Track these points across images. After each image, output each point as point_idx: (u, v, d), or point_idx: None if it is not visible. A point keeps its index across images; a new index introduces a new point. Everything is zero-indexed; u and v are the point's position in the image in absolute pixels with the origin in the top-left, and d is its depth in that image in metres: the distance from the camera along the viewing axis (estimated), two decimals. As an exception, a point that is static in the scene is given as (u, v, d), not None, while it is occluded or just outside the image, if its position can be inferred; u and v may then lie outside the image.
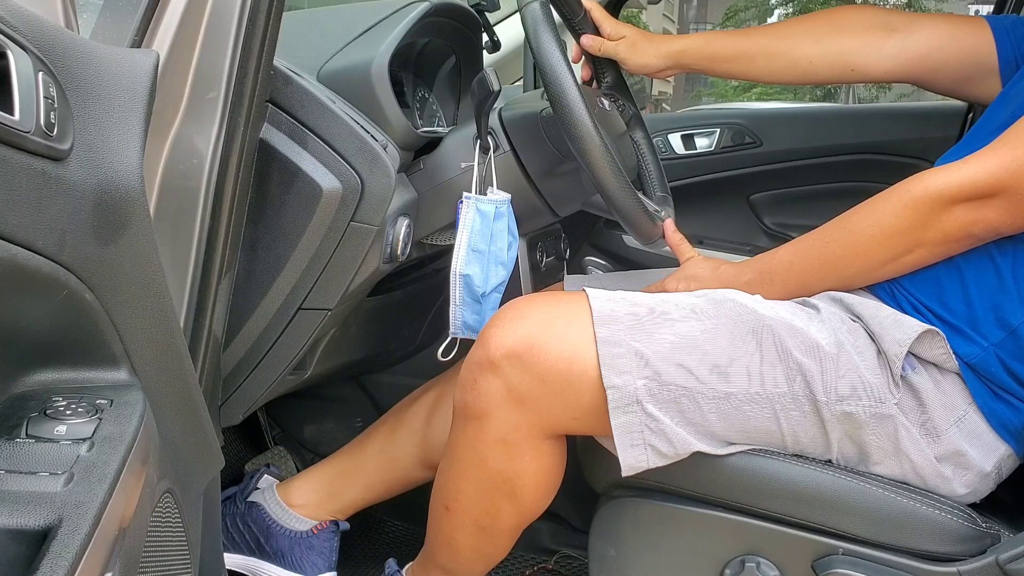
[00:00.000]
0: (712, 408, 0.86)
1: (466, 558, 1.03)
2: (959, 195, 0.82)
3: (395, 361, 1.43)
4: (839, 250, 0.90)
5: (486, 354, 0.89)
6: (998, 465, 0.89)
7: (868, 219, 0.88)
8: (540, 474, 0.94)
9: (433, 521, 1.03)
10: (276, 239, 0.92)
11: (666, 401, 0.86)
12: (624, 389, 0.85)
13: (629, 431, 0.86)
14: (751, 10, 21.85)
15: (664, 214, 1.07)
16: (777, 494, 0.88)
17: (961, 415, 0.87)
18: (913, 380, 0.86)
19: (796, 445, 0.89)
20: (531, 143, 1.05)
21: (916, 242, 0.86)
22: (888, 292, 0.94)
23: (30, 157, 0.47)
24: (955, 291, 0.89)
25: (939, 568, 0.85)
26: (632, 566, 0.96)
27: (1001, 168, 0.81)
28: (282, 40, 0.80)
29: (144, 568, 0.57)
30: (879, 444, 0.86)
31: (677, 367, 0.85)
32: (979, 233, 0.84)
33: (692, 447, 0.87)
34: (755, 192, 1.75)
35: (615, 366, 0.85)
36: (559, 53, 0.93)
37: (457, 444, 0.95)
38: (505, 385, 0.88)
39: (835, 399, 0.85)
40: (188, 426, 0.71)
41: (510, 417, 0.89)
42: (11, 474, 0.49)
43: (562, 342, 0.87)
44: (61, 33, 0.54)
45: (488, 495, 0.95)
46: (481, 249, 0.98)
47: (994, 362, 0.87)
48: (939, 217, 0.84)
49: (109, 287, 0.56)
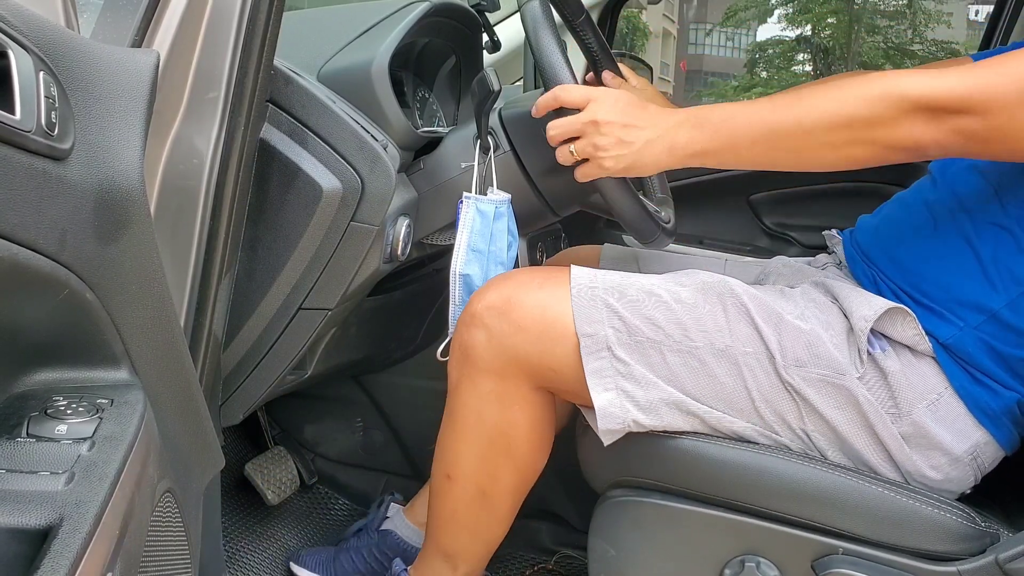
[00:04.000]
0: (679, 362, 0.90)
1: (469, 535, 1.04)
2: (927, 103, 0.79)
3: (395, 361, 1.43)
4: (784, 119, 0.85)
5: (471, 311, 0.95)
6: (973, 451, 0.89)
7: (825, 98, 0.84)
8: (532, 424, 0.98)
9: (436, 496, 1.04)
10: (276, 239, 0.92)
11: (634, 349, 0.90)
12: (595, 336, 0.90)
13: (601, 375, 0.90)
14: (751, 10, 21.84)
15: (664, 214, 1.07)
16: (777, 493, 0.89)
17: (935, 398, 0.88)
18: (880, 360, 0.88)
19: (769, 411, 0.90)
20: (531, 143, 1.05)
21: (863, 137, 0.82)
22: (870, 279, 0.97)
23: (31, 157, 0.47)
24: (934, 277, 0.91)
25: (939, 567, 0.85)
26: (632, 566, 0.96)
27: (977, 87, 0.78)
28: (282, 40, 0.80)
29: (144, 568, 0.57)
30: (844, 416, 0.88)
31: (645, 320, 0.90)
32: (927, 148, 0.81)
33: (663, 392, 0.90)
34: (755, 192, 1.75)
35: (587, 317, 0.91)
36: (559, 53, 0.93)
37: (453, 408, 0.99)
38: (487, 334, 0.93)
39: (791, 363, 0.88)
40: (188, 426, 0.71)
41: (495, 365, 0.94)
42: (12, 473, 0.49)
43: (537, 295, 0.93)
44: (62, 33, 0.54)
45: (487, 454, 0.98)
46: (481, 249, 0.98)
47: (973, 343, 0.88)
48: (898, 119, 0.80)
49: (110, 287, 0.56)
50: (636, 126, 0.90)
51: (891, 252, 0.97)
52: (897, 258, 0.96)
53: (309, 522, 1.44)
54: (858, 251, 1.02)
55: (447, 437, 1.01)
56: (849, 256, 1.04)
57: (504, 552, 1.40)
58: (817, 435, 0.91)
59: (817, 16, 17.35)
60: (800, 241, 1.72)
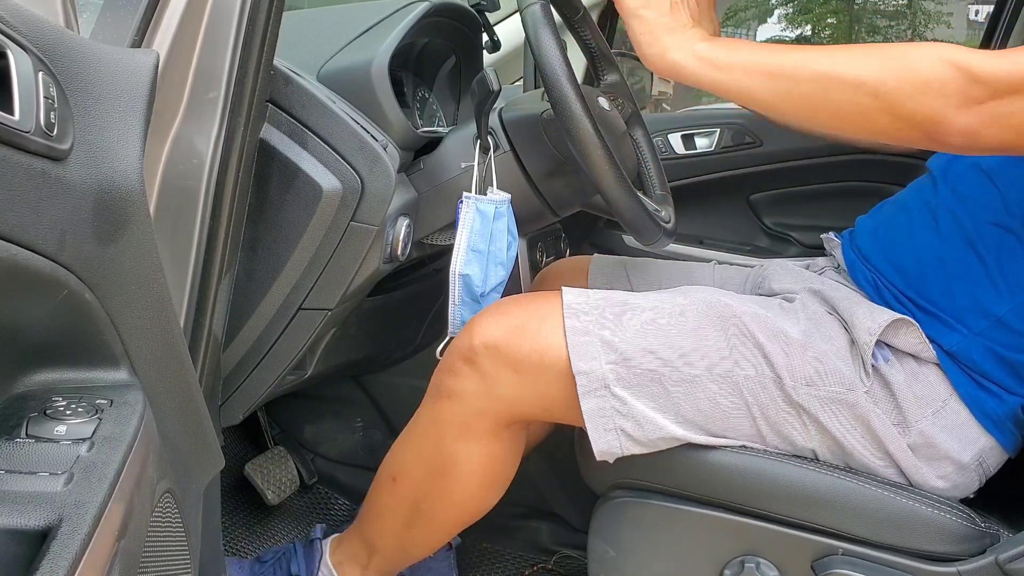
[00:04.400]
0: (681, 392, 0.88)
1: (393, 537, 1.04)
2: (986, 78, 0.70)
3: (395, 361, 1.43)
4: (818, 63, 0.77)
5: (468, 342, 0.93)
6: (979, 457, 0.88)
7: (867, 54, 0.75)
8: (489, 463, 0.97)
9: (375, 490, 1.04)
10: (276, 239, 0.92)
11: (633, 384, 0.88)
12: (591, 374, 0.88)
13: (600, 415, 0.89)
14: (751, 10, 21.83)
15: (664, 214, 1.07)
16: (776, 494, 0.88)
17: (940, 406, 0.87)
18: (884, 371, 0.87)
19: (773, 434, 0.89)
20: (532, 144, 1.05)
21: (929, 109, 0.72)
22: (872, 284, 0.96)
23: (30, 157, 0.47)
24: (938, 284, 0.90)
25: (939, 568, 0.85)
26: (631, 566, 0.96)
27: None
28: (282, 40, 0.80)
29: (144, 568, 0.57)
30: (853, 432, 0.87)
31: (643, 351, 0.88)
32: (951, 134, 0.73)
33: (664, 431, 0.88)
34: (755, 192, 1.75)
35: (582, 353, 0.88)
36: (559, 54, 0.93)
37: (422, 420, 0.99)
38: (480, 373, 0.92)
39: (802, 383, 0.87)
40: (188, 426, 0.71)
41: (478, 403, 0.93)
42: (11, 474, 0.49)
43: (536, 336, 0.91)
44: (61, 33, 0.54)
45: (436, 475, 0.97)
46: (481, 249, 0.98)
47: (978, 350, 0.87)
48: (969, 93, 0.71)
49: (109, 287, 0.56)
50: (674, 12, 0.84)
51: (892, 257, 0.96)
52: (899, 263, 0.95)
53: (309, 522, 1.44)
54: (858, 255, 1.01)
55: (404, 443, 1.01)
56: (848, 260, 1.03)
57: (504, 552, 1.40)
58: (824, 451, 0.90)
59: (817, 16, 17.33)
60: (800, 241, 1.72)
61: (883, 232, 1.01)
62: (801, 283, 1.02)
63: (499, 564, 1.38)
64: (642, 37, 0.85)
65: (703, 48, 0.82)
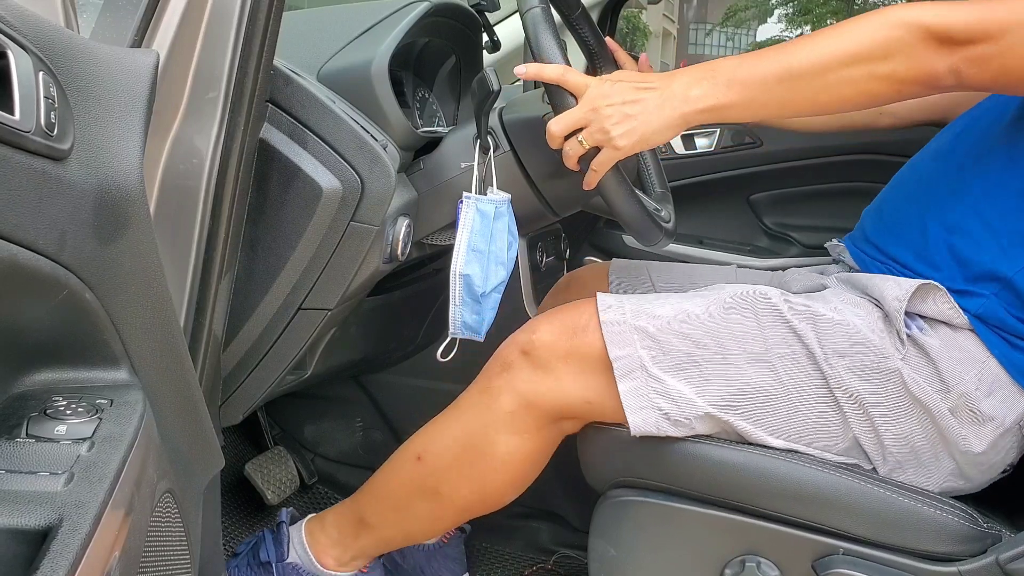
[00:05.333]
0: (715, 372, 0.90)
1: (397, 514, 1.04)
2: (942, 31, 0.78)
3: (395, 361, 1.43)
4: (800, 60, 0.82)
5: (528, 337, 0.97)
6: (1020, 420, 0.89)
7: (840, 34, 0.82)
8: (525, 456, 0.98)
9: (392, 467, 1.05)
10: (276, 239, 0.92)
11: (669, 366, 0.90)
12: (627, 358, 0.91)
13: (636, 394, 0.90)
14: (751, 10, 21.84)
15: (664, 213, 1.07)
16: (777, 493, 0.88)
17: (980, 369, 0.88)
18: (919, 339, 0.88)
19: (807, 408, 0.89)
20: (532, 144, 1.05)
21: (880, 71, 0.80)
22: (886, 269, 0.97)
23: (30, 157, 0.47)
24: (945, 253, 0.91)
25: (939, 568, 0.85)
26: (632, 566, 0.96)
27: (992, 14, 0.78)
28: (282, 40, 0.80)
29: (144, 568, 0.57)
30: (890, 399, 0.87)
31: (678, 335, 0.91)
32: (942, 77, 0.80)
33: (700, 410, 0.90)
34: (755, 192, 1.75)
35: (618, 341, 0.91)
36: (560, 55, 0.93)
37: (466, 407, 1.00)
38: (534, 365, 0.95)
39: (833, 354, 0.88)
40: (188, 426, 0.71)
41: (529, 395, 0.95)
42: (11, 474, 0.49)
43: (582, 333, 0.94)
44: (61, 33, 0.54)
45: (468, 460, 0.98)
46: (481, 249, 0.98)
47: (1000, 310, 0.88)
48: (914, 47, 0.79)
49: (109, 287, 0.56)
50: (639, 98, 0.86)
51: (899, 233, 0.97)
52: (907, 238, 0.96)
53: (309, 522, 1.43)
54: (867, 246, 1.02)
55: (441, 424, 1.02)
56: (857, 257, 1.04)
57: (504, 552, 1.40)
58: (862, 427, 0.89)
59: (817, 16, 17.34)
60: (800, 241, 1.72)
61: (888, 211, 1.02)
62: (824, 280, 1.04)
63: (499, 564, 1.38)
64: (639, 140, 0.87)
65: (693, 98, 0.85)
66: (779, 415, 0.90)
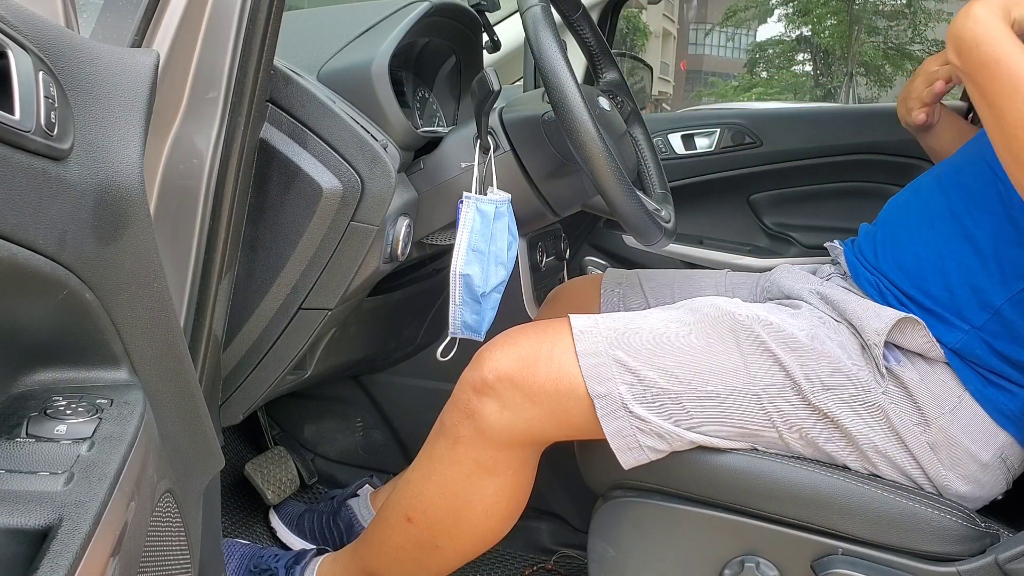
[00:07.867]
0: (698, 408, 0.88)
1: (407, 570, 1.03)
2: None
3: (395, 361, 1.43)
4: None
5: (480, 375, 0.92)
6: (1000, 454, 0.88)
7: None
8: (512, 493, 0.97)
9: (384, 529, 1.03)
10: (276, 239, 0.92)
11: (651, 404, 0.88)
12: (609, 396, 0.88)
13: (622, 435, 0.89)
14: (751, 10, 21.84)
15: (664, 213, 1.07)
16: (776, 495, 0.88)
17: (955, 404, 0.88)
18: (898, 372, 0.88)
19: (795, 439, 0.89)
20: (532, 145, 1.05)
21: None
22: (875, 288, 0.97)
23: (30, 157, 0.47)
24: (936, 279, 0.91)
25: (938, 568, 0.85)
26: (631, 566, 0.96)
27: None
28: (282, 40, 0.80)
29: (144, 568, 0.57)
30: (874, 434, 0.87)
31: (658, 371, 0.88)
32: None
33: (687, 437, 0.89)
34: (755, 192, 1.75)
35: (597, 375, 0.89)
36: (560, 55, 0.93)
37: (438, 460, 0.97)
38: (500, 406, 0.91)
39: (819, 387, 0.87)
40: (188, 426, 0.71)
41: (503, 436, 0.93)
42: (11, 474, 0.49)
43: (549, 363, 0.90)
44: (61, 33, 0.54)
45: (457, 512, 0.97)
46: (481, 249, 0.98)
47: (979, 346, 0.87)
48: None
49: (109, 287, 0.56)
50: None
51: (893, 256, 0.97)
52: (900, 262, 0.95)
53: (309, 522, 1.43)
54: (861, 259, 1.02)
55: (421, 483, 0.99)
56: (851, 265, 1.04)
57: (504, 552, 1.40)
58: (851, 457, 0.89)
59: (817, 17, 17.34)
60: (800, 241, 1.72)
61: (883, 234, 1.01)
62: (808, 285, 1.03)
63: (499, 564, 1.38)
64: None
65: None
66: (768, 443, 0.90)
